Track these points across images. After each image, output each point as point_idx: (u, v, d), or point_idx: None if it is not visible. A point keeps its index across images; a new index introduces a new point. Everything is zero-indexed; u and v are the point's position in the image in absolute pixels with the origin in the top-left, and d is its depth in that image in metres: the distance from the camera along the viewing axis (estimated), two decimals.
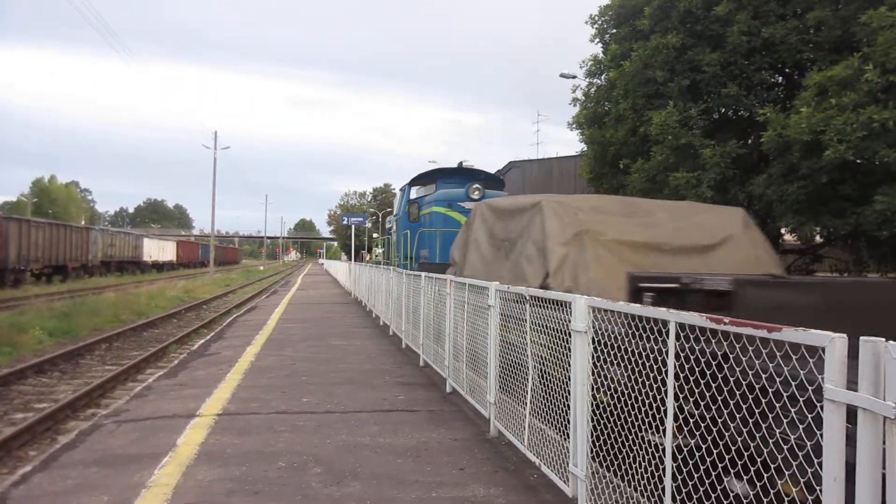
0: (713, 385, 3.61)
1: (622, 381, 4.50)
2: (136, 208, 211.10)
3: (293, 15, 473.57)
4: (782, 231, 15.82)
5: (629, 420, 4.38)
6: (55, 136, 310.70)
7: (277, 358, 12.45)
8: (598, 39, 19.76)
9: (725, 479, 3.48)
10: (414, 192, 22.32)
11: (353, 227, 51.87)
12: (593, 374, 4.80)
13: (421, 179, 22.39)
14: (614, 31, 18.79)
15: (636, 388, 4.30)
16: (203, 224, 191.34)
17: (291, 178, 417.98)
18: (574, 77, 21.69)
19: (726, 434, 3.58)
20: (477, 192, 18.64)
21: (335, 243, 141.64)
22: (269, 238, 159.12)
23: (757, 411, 3.28)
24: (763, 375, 3.21)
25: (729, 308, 4.96)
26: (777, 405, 3.12)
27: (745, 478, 3.34)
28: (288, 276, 70.60)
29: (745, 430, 3.43)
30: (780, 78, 16.29)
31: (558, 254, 8.51)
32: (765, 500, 3.12)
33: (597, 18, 19.41)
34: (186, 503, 5.25)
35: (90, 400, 11.42)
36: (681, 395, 3.78)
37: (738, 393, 3.44)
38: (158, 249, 71.93)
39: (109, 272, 52.51)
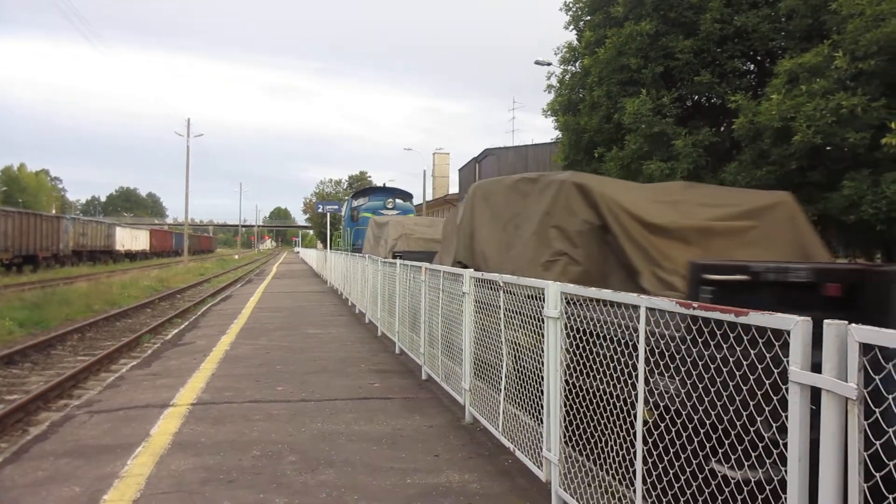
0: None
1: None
2: (109, 197, 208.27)
3: (268, 1, 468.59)
4: None
5: (599, 405, 4.43)
6: (24, 124, 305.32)
7: (252, 347, 12.40)
8: (572, 26, 19.75)
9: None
10: (355, 202, 34.19)
11: (328, 214, 51.56)
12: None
13: (360, 193, 35.36)
14: (588, 18, 18.79)
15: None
16: (177, 212, 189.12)
17: (266, 166, 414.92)
18: (549, 64, 21.71)
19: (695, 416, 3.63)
20: (391, 204, 31.16)
21: (311, 231, 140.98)
22: (244, 226, 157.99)
23: (724, 394, 3.33)
24: (731, 359, 3.26)
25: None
26: (744, 388, 3.17)
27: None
28: (263, 264, 70.17)
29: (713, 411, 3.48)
30: (752, 65, 16.41)
31: (391, 244, 18.45)
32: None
33: (571, 5, 19.40)
34: (160, 492, 5.23)
35: (62, 391, 11.29)
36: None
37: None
38: (131, 238, 71.12)
39: (81, 262, 51.82)
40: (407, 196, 35.17)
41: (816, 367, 2.54)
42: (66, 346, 16.11)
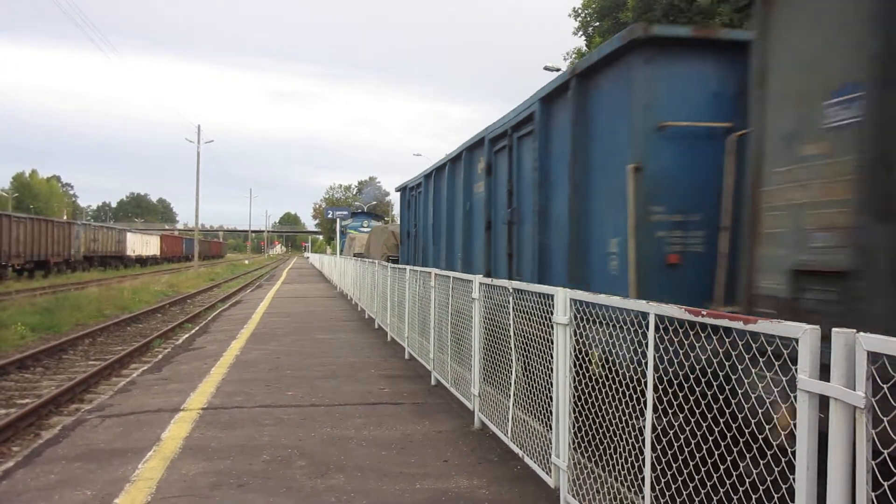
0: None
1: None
2: (119, 202, 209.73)
3: (277, 6, 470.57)
4: None
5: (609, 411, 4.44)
6: (36, 131, 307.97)
7: (262, 352, 12.44)
8: (581, 32, 19.82)
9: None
10: (343, 222, 50.88)
11: (338, 220, 51.89)
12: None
13: (351, 216, 49.87)
14: (597, 23, 18.86)
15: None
16: (187, 218, 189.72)
17: (276, 172, 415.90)
18: (558, 70, 21.73)
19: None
20: (366, 223, 46.54)
21: (320, 237, 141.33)
22: (253, 232, 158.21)
23: (734, 401, 3.34)
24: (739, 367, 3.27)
25: None
26: (753, 396, 3.18)
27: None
28: (273, 269, 70.33)
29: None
30: None
31: (357, 249, 34.07)
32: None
33: (580, 11, 19.47)
34: (170, 496, 5.26)
35: (74, 395, 11.36)
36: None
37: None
38: (142, 244, 71.45)
39: (92, 267, 52.12)
40: (379, 218, 55.71)
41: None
42: (78, 350, 16.21)
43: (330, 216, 59.40)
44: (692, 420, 3.67)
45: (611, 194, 6.60)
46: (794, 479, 2.66)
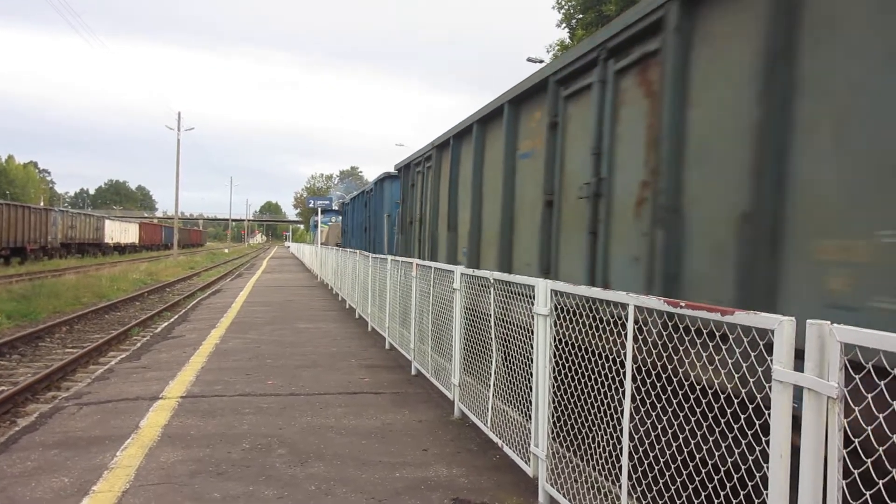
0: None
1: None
2: (98, 189, 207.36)
3: None
4: None
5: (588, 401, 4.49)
6: (12, 116, 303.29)
7: (242, 341, 12.41)
8: (564, 24, 19.85)
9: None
10: (315, 218, 56.21)
11: (319, 209, 51.76)
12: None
13: (323, 213, 53.79)
14: (580, 16, 18.89)
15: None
16: (167, 206, 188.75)
17: (257, 160, 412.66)
18: (541, 62, 21.77)
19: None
20: (333, 220, 53.28)
21: (301, 226, 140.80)
22: (234, 220, 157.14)
23: (710, 391, 3.39)
24: (716, 357, 3.32)
25: None
26: (729, 386, 3.23)
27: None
28: (253, 258, 69.95)
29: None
30: None
31: (323, 239, 47.31)
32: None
33: (563, 3, 19.50)
34: (149, 484, 5.25)
35: (51, 383, 11.26)
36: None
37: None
38: (120, 231, 70.80)
39: (70, 254, 51.65)
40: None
41: None
42: (55, 338, 16.06)
43: (311, 205, 59.45)
44: (669, 409, 3.73)
45: (383, 223, 21.53)
46: (767, 468, 2.71)
